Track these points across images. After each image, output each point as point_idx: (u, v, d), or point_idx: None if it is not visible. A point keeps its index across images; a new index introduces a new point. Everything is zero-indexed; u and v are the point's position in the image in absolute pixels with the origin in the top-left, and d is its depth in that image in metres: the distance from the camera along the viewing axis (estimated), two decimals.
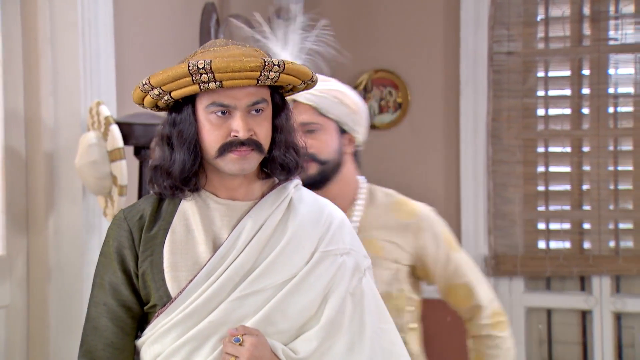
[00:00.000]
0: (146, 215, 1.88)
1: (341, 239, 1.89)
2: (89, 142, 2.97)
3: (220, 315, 1.75)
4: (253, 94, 1.79)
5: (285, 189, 1.90)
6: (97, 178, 2.99)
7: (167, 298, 1.80)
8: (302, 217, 1.86)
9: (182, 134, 1.81)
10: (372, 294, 1.89)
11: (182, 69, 1.74)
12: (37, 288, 3.25)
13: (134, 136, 3.06)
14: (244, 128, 1.77)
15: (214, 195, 1.86)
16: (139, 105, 1.91)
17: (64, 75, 3.21)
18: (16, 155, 3.21)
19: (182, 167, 1.81)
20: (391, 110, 4.66)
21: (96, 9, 3.24)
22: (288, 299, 1.77)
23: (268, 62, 1.74)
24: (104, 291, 1.88)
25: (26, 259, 3.27)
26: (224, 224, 1.83)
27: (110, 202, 3.03)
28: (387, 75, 4.65)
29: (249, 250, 1.79)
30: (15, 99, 3.23)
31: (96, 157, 2.95)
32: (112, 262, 1.87)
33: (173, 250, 1.81)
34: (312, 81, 1.87)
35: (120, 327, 1.87)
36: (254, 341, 1.71)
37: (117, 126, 2.93)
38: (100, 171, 2.97)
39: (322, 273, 1.81)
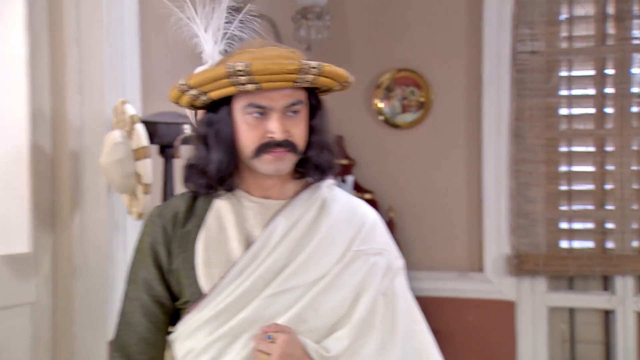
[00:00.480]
0: (180, 212, 1.89)
1: (374, 239, 1.89)
2: (114, 141, 2.99)
3: (252, 313, 1.76)
4: (290, 95, 1.79)
5: (319, 188, 1.90)
6: (122, 176, 3.00)
7: (200, 294, 1.81)
8: (335, 217, 1.86)
9: (219, 134, 1.82)
10: (404, 294, 1.88)
11: (221, 71, 1.75)
12: (63, 285, 3.27)
13: (159, 135, 3.08)
14: (281, 129, 1.77)
15: (247, 194, 1.87)
16: (175, 104, 1.92)
17: (90, 74, 3.24)
18: (42, 154, 3.24)
19: (218, 167, 1.82)
20: (414, 110, 4.66)
21: (121, 8, 3.26)
22: (320, 298, 1.78)
23: (305, 64, 1.74)
24: (137, 287, 1.89)
25: (52, 256, 3.30)
26: (257, 222, 1.84)
27: (135, 200, 3.05)
28: (409, 75, 4.65)
29: (281, 248, 1.80)
30: (41, 98, 3.26)
31: (121, 155, 2.97)
32: (146, 258, 1.88)
33: (206, 247, 1.82)
34: (348, 82, 1.88)
35: (153, 322, 1.88)
36: (286, 338, 1.72)
37: (142, 125, 2.95)
38: (125, 169, 2.99)
39: (354, 272, 1.81)
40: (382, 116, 4.71)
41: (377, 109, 4.71)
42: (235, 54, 1.83)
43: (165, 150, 3.13)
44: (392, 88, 4.67)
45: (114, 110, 3.13)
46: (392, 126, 4.71)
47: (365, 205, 1.97)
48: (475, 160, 4.51)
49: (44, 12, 3.27)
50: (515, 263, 4.32)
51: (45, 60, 3.26)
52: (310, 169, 1.88)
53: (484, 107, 4.45)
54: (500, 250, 4.40)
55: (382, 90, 4.68)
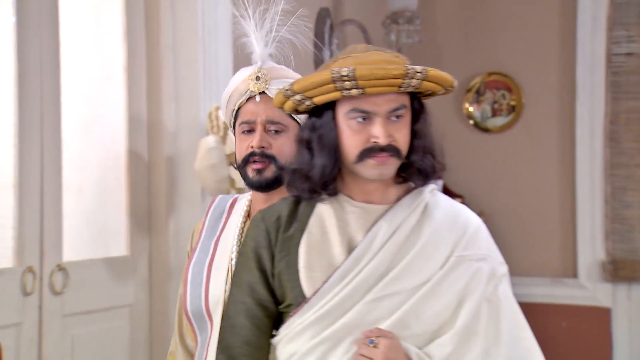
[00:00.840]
0: (283, 216, 1.89)
1: (477, 245, 1.85)
2: (208, 146, 3.04)
3: (355, 317, 1.75)
4: (393, 100, 1.78)
5: (421, 193, 1.88)
6: (215, 181, 3.05)
7: (302, 298, 1.80)
8: (437, 222, 1.84)
9: (323, 139, 1.81)
10: (509, 301, 1.84)
11: (326, 76, 1.74)
12: (158, 287, 3.34)
13: None
14: (384, 134, 1.76)
15: (350, 198, 1.86)
16: (279, 109, 1.94)
17: (185, 81, 3.30)
18: (139, 159, 3.31)
19: (322, 171, 1.81)
20: (504, 114, 4.61)
21: (215, 17, 3.31)
22: (422, 303, 1.75)
23: (411, 69, 1.73)
24: (241, 290, 1.90)
25: (148, 259, 3.37)
26: (360, 227, 1.83)
27: None
28: (500, 78, 4.60)
29: (383, 253, 1.78)
30: (138, 105, 3.33)
31: (215, 160, 3.02)
32: (250, 261, 1.89)
33: (308, 251, 1.82)
34: (452, 87, 1.86)
35: (257, 325, 1.88)
36: (389, 344, 1.70)
37: None
38: (219, 174, 3.03)
39: (457, 278, 1.78)
40: (472, 120, 4.68)
41: (467, 112, 4.68)
42: (339, 59, 1.83)
43: None
44: (483, 92, 4.64)
45: (208, 116, 3.18)
46: (483, 130, 4.67)
47: (468, 211, 1.94)
48: (569, 164, 4.44)
49: (141, 22, 3.34)
50: (611, 269, 4.23)
51: (142, 68, 3.34)
52: (413, 174, 1.86)
53: (578, 111, 4.37)
54: (594, 255, 4.31)
55: (473, 94, 4.65)
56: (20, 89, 2.81)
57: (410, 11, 4.08)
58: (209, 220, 2.18)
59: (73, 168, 3.08)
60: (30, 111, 2.84)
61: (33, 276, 2.82)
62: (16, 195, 2.81)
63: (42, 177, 2.88)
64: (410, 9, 4.08)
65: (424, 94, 1.89)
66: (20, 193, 2.81)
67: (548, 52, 4.50)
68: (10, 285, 2.76)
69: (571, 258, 4.43)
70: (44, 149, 2.89)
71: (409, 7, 4.07)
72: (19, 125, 2.81)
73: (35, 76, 2.86)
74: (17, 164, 2.80)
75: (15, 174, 2.80)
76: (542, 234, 4.51)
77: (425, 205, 1.87)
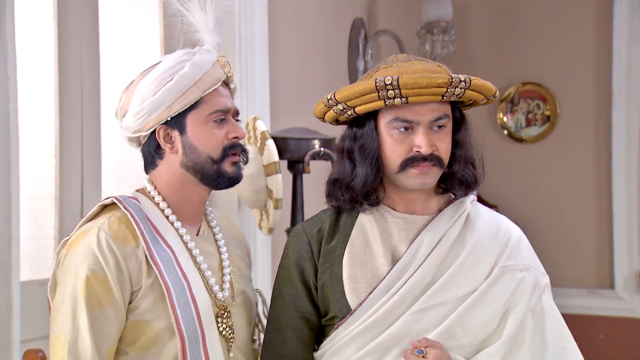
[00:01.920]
0: (325, 228, 1.90)
1: (519, 255, 1.86)
2: None
3: (401, 328, 1.75)
4: (436, 109, 1.78)
5: (463, 203, 1.88)
6: (253, 191, 3.05)
7: (347, 310, 1.80)
8: (480, 232, 1.84)
9: (365, 149, 1.82)
10: (553, 311, 1.84)
11: (369, 85, 1.75)
12: None
13: (288, 150, 3.11)
14: (427, 144, 1.76)
15: (391, 209, 1.86)
16: (319, 119, 1.93)
17: None
18: None
19: (364, 181, 1.82)
20: (539, 123, 4.59)
21: (252, 28, 3.32)
22: (468, 313, 1.75)
23: (455, 78, 1.74)
24: (283, 303, 1.89)
25: None
26: (402, 238, 1.83)
27: (266, 215, 3.09)
28: (535, 88, 4.58)
29: (428, 264, 1.78)
30: None
31: (252, 171, 3.02)
32: (292, 274, 1.89)
33: (352, 263, 1.82)
34: (495, 97, 1.86)
35: (300, 338, 1.88)
36: (438, 354, 1.70)
37: (272, 141, 2.99)
38: (257, 184, 3.03)
39: (503, 288, 1.79)
40: (505, 130, 4.66)
41: (501, 122, 4.66)
42: (381, 68, 1.84)
43: (295, 165, 3.16)
44: (517, 102, 4.61)
45: (246, 127, 3.18)
46: (517, 140, 4.64)
47: (509, 221, 1.94)
48: (604, 174, 4.40)
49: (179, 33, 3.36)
50: None
51: None
52: (454, 184, 1.86)
53: (613, 120, 4.34)
54: (631, 266, 4.28)
55: (506, 103, 4.63)
56: (61, 101, 2.83)
57: (445, 21, 4.08)
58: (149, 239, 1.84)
59: (111, 178, 3.09)
60: (71, 122, 2.85)
61: None
62: (57, 205, 2.82)
63: (82, 188, 2.89)
64: (445, 19, 4.07)
65: (465, 104, 1.88)
66: (60, 204, 2.83)
67: (583, 62, 4.47)
68: None
69: (608, 269, 4.39)
70: (84, 160, 2.90)
71: (444, 18, 4.06)
72: (60, 136, 2.82)
73: (76, 87, 2.87)
74: (58, 175, 2.82)
75: (56, 185, 2.82)
76: (578, 244, 4.48)
77: (467, 215, 1.87)
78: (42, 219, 2.79)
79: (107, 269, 1.75)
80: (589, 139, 4.47)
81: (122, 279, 1.76)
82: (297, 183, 3.19)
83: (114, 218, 1.83)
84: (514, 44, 4.62)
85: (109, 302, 1.74)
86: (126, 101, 1.91)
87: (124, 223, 1.82)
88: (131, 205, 1.85)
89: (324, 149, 3.05)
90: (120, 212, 1.85)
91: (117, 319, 1.76)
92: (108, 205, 1.88)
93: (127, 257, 1.78)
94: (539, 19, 4.57)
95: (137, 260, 1.79)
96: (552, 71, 4.55)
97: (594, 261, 4.45)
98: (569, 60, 4.50)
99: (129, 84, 1.93)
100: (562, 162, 4.54)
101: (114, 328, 1.75)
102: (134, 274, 1.78)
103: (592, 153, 4.46)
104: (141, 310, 1.79)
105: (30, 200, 2.71)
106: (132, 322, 1.79)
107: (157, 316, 1.79)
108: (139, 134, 1.90)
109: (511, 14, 4.65)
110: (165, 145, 1.89)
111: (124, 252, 1.78)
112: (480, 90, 1.79)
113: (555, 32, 4.53)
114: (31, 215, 2.72)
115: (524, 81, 4.59)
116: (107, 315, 1.74)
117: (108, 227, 1.80)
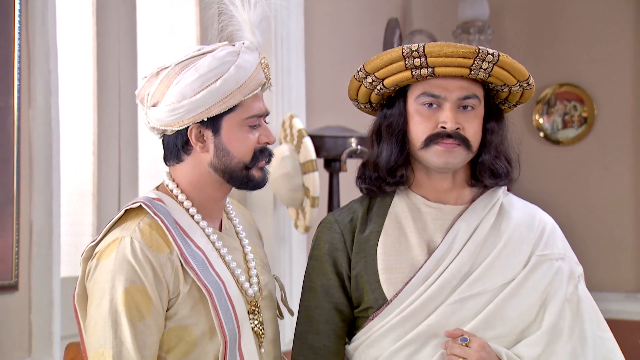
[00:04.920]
0: (357, 217, 1.88)
1: (555, 244, 1.85)
2: (282, 155, 3.03)
3: (439, 318, 1.73)
4: (465, 88, 1.77)
5: (495, 193, 1.87)
6: (289, 190, 3.04)
7: (383, 300, 1.79)
8: (515, 221, 1.83)
9: (391, 126, 1.82)
10: (589, 301, 1.84)
11: (396, 53, 1.76)
12: None
13: (325, 148, 3.10)
14: (452, 119, 1.75)
15: (424, 199, 1.85)
16: (353, 100, 1.92)
17: None
18: None
19: (388, 157, 1.82)
20: (576, 125, 4.54)
21: (288, 26, 3.32)
22: (507, 303, 1.74)
23: (482, 50, 1.72)
24: (315, 294, 1.88)
25: None
26: (437, 228, 1.82)
27: (302, 213, 3.08)
28: (571, 89, 4.53)
29: (465, 253, 1.77)
30: None
31: (289, 169, 3.01)
32: (324, 264, 1.87)
33: (387, 252, 1.81)
34: (529, 84, 1.83)
35: (333, 330, 1.86)
36: (482, 342, 1.68)
37: (309, 138, 2.98)
38: (293, 183, 3.02)
39: (540, 277, 1.77)
40: (542, 132, 4.61)
41: (537, 124, 4.61)
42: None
43: (331, 164, 3.16)
44: (553, 103, 4.57)
45: (282, 124, 3.18)
46: (553, 142, 4.60)
47: (542, 211, 1.93)
48: None
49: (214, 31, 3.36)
50: None
51: None
52: (484, 173, 1.84)
53: None
54: None
55: (543, 105, 4.59)
56: (99, 100, 2.85)
57: (481, 21, 4.05)
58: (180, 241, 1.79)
59: (147, 176, 3.10)
60: (109, 121, 2.87)
61: None
62: (95, 203, 2.84)
63: (119, 186, 2.91)
64: (482, 18, 4.05)
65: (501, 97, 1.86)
66: (98, 201, 2.84)
67: (621, 63, 4.42)
68: None
69: None
70: (122, 158, 2.91)
71: (481, 17, 4.04)
72: (98, 134, 2.85)
73: (114, 85, 2.89)
74: (96, 172, 2.84)
75: (95, 182, 2.83)
76: (616, 247, 4.42)
77: (500, 204, 1.86)
78: (80, 216, 2.81)
79: (145, 279, 1.71)
80: (627, 140, 4.42)
81: (160, 288, 1.73)
82: (333, 181, 3.19)
83: (144, 225, 1.77)
84: (550, 44, 4.58)
85: (150, 313, 1.71)
86: (159, 92, 1.81)
87: (155, 229, 1.77)
88: (159, 210, 1.79)
89: (360, 147, 3.04)
90: (149, 218, 1.78)
91: (157, 329, 1.73)
92: (133, 209, 1.82)
93: (162, 265, 1.74)
94: (576, 19, 4.53)
95: (172, 267, 1.75)
96: (589, 72, 4.50)
97: (633, 265, 4.39)
98: (607, 61, 4.46)
99: (159, 69, 1.83)
100: (599, 165, 4.48)
101: (155, 338, 1.73)
102: (171, 282, 1.75)
103: (630, 155, 4.41)
104: (180, 317, 1.76)
105: (69, 197, 2.73)
106: (170, 328, 1.76)
107: (197, 321, 1.76)
108: (168, 128, 1.83)
109: (548, 14, 4.61)
110: (196, 144, 1.83)
111: (159, 260, 1.74)
112: (509, 69, 1.77)
113: (593, 32, 4.49)
114: (70, 211, 2.74)
115: (561, 82, 4.55)
116: (149, 325, 1.71)
117: (141, 236, 1.74)
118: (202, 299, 1.75)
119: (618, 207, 4.43)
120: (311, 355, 1.85)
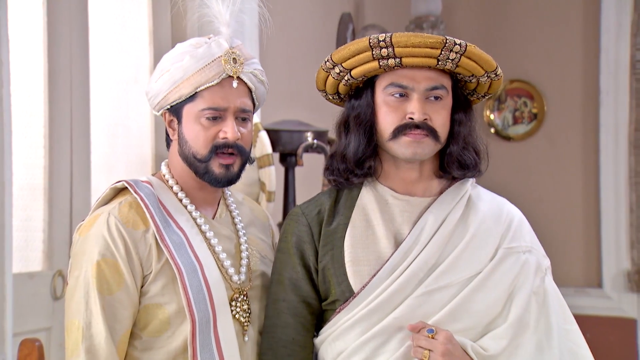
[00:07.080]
0: (324, 209, 1.86)
1: (522, 237, 1.85)
2: None
3: (406, 311, 1.72)
4: (432, 78, 1.77)
5: (463, 185, 1.87)
6: (245, 184, 3.00)
7: (350, 293, 1.77)
8: (483, 214, 1.83)
9: (359, 117, 1.81)
10: (555, 294, 1.84)
11: (363, 43, 1.75)
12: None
13: (281, 143, 3.07)
14: (420, 110, 1.74)
15: (392, 191, 1.84)
16: (321, 91, 1.91)
17: None
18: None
19: (356, 148, 1.80)
20: (526, 121, 4.58)
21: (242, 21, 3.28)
22: (473, 296, 1.73)
23: (449, 40, 1.72)
24: (283, 287, 1.85)
25: None
26: (405, 220, 1.80)
27: None
28: (522, 86, 4.58)
29: (432, 246, 1.76)
30: None
31: None
32: (292, 257, 1.85)
33: (354, 245, 1.79)
34: (497, 75, 1.83)
35: (301, 323, 1.84)
36: (448, 335, 1.68)
37: (265, 132, 2.95)
38: (249, 177, 2.98)
39: (507, 270, 1.77)
40: (493, 128, 4.65)
41: (488, 120, 4.65)
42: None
43: (287, 158, 3.12)
44: (504, 99, 4.61)
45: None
46: (503, 138, 4.63)
47: (510, 203, 1.94)
48: (592, 172, 4.41)
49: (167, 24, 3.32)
50: (637, 279, 4.20)
51: None
52: (452, 165, 1.84)
53: (601, 118, 4.35)
54: (619, 265, 4.28)
55: (493, 101, 4.62)
56: (51, 93, 2.79)
57: (434, 16, 4.07)
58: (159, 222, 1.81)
59: (100, 171, 3.04)
60: (60, 114, 2.82)
61: (63, 280, 2.77)
62: (46, 198, 2.78)
63: (71, 180, 2.85)
64: (435, 13, 4.06)
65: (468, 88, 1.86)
66: (50, 196, 2.79)
67: (571, 59, 4.48)
68: (40, 289, 2.72)
69: (595, 268, 4.39)
70: (73, 152, 2.86)
71: (433, 12, 4.06)
72: (49, 127, 2.79)
73: (65, 79, 2.84)
74: (47, 166, 2.78)
75: (45, 177, 2.78)
76: (566, 243, 4.47)
77: (468, 197, 1.86)
78: (31, 211, 2.75)
79: (117, 253, 1.76)
80: (576, 137, 4.47)
81: (132, 264, 1.77)
82: (289, 176, 3.16)
83: (124, 203, 1.82)
84: (501, 40, 4.61)
85: (121, 287, 1.75)
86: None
87: (134, 208, 1.82)
88: (142, 189, 1.83)
89: (317, 142, 3.02)
90: (132, 197, 1.83)
91: (130, 303, 1.76)
92: (122, 190, 1.87)
93: (136, 241, 1.78)
94: (527, 16, 4.57)
95: (146, 244, 1.79)
96: (540, 69, 4.55)
97: (582, 260, 4.45)
98: (557, 57, 4.51)
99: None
100: (549, 161, 4.53)
101: (127, 312, 1.76)
102: (144, 258, 1.78)
103: (579, 151, 4.46)
104: (152, 294, 1.79)
105: (20, 191, 2.66)
106: (144, 306, 1.79)
107: (169, 300, 1.79)
108: (155, 113, 1.94)
109: (499, 10, 4.64)
110: (169, 130, 1.90)
111: (133, 236, 1.78)
112: (477, 59, 1.78)
113: (543, 29, 4.54)
114: (21, 206, 2.67)
115: (511, 78, 4.59)
116: (120, 299, 1.75)
117: (118, 212, 1.80)
118: (175, 278, 1.77)
119: (567, 203, 4.49)
120: (280, 349, 1.83)
